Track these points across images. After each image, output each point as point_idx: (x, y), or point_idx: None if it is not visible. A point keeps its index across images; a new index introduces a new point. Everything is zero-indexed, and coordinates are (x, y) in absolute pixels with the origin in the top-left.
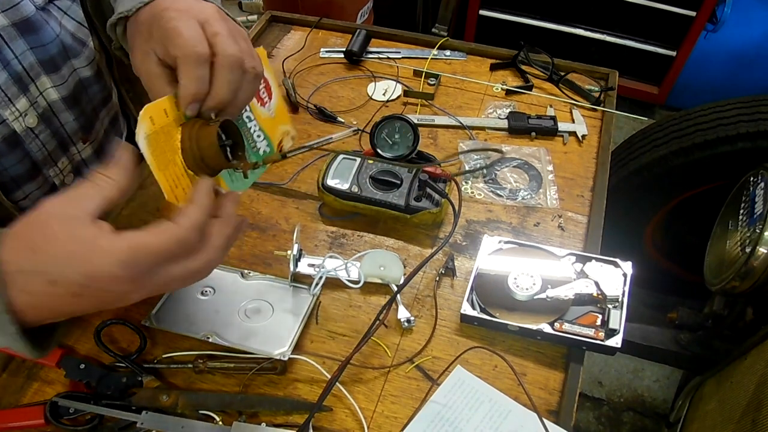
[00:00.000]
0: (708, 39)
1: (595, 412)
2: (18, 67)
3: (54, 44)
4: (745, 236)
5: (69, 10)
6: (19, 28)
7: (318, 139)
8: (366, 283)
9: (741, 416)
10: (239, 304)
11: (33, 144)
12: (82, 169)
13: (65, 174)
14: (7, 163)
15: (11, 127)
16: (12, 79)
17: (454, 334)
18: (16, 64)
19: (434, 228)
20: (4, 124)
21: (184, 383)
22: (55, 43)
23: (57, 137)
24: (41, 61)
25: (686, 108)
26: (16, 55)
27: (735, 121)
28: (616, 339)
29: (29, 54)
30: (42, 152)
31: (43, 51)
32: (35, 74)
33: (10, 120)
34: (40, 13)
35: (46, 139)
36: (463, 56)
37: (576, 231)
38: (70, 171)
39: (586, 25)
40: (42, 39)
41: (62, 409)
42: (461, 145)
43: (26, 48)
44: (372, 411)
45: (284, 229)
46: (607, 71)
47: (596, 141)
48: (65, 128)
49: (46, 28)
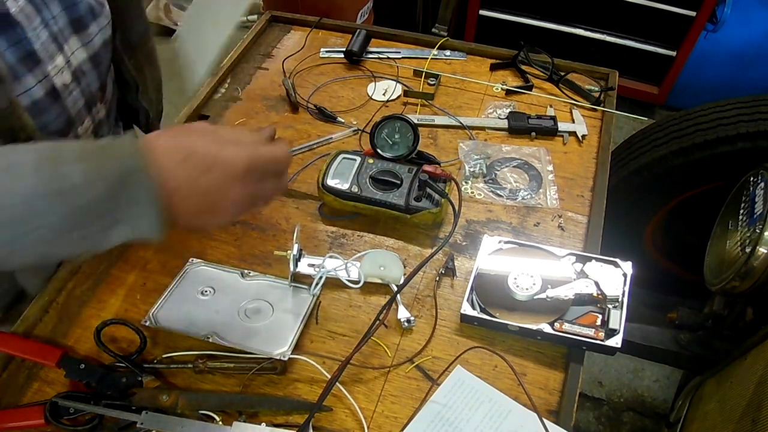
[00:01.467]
0: (708, 39)
1: (595, 412)
2: (55, 27)
3: (83, 4)
4: (745, 236)
5: None
6: None
7: (318, 140)
8: (366, 283)
9: (741, 416)
10: (239, 304)
11: (69, 99)
12: (99, 130)
13: (89, 134)
14: (48, 118)
15: (52, 81)
16: (51, 38)
17: (454, 334)
18: (54, 24)
19: (434, 228)
20: (47, 79)
21: (184, 383)
22: (84, 2)
23: (85, 95)
24: (72, 20)
25: (686, 108)
26: (53, 15)
27: (735, 121)
28: (616, 339)
29: (63, 15)
30: (75, 108)
31: (73, 11)
32: (68, 34)
33: (52, 75)
34: None
35: (77, 96)
36: (463, 56)
37: (576, 231)
38: (92, 131)
39: (586, 25)
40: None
41: (62, 409)
42: (461, 145)
43: (60, 9)
44: (372, 411)
45: (284, 229)
46: (607, 71)
47: (596, 141)
48: (90, 88)
49: None
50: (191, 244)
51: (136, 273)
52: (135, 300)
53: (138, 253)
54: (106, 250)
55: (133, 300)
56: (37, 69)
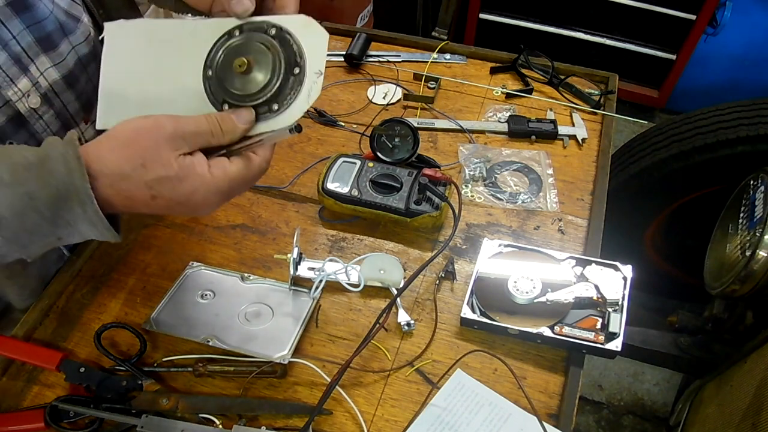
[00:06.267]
0: (708, 42)
1: (595, 415)
2: (17, 48)
3: (49, 21)
4: (745, 240)
5: None
6: (13, 7)
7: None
8: (366, 286)
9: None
10: (239, 308)
11: (38, 125)
12: None
13: None
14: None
15: (15, 107)
16: (12, 60)
17: (454, 338)
18: (15, 45)
19: (434, 231)
20: (7, 105)
21: (184, 387)
22: (50, 19)
23: (60, 118)
24: (38, 39)
25: (686, 111)
26: (13, 36)
27: (735, 125)
28: (616, 342)
29: (26, 33)
30: (47, 133)
31: (39, 28)
32: (34, 54)
33: (13, 100)
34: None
35: (50, 119)
36: (463, 60)
37: (576, 234)
38: None
39: (586, 28)
40: (36, 16)
41: (62, 412)
42: (461, 148)
43: (23, 27)
44: (372, 414)
45: (284, 232)
46: (607, 75)
47: (596, 144)
48: (68, 108)
49: (39, 5)
50: (191, 248)
51: (136, 276)
52: (135, 303)
53: (138, 257)
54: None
55: (133, 303)
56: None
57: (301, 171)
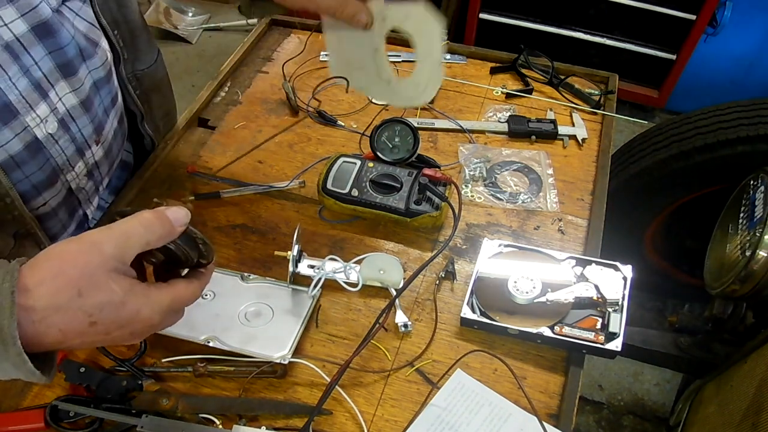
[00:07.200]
0: (708, 42)
1: (595, 415)
2: (38, 74)
3: (71, 46)
4: (745, 240)
5: (80, 11)
6: (37, 33)
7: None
8: (366, 286)
9: (741, 420)
10: (239, 308)
11: (53, 149)
12: (94, 171)
13: (80, 177)
14: (29, 171)
15: (33, 133)
16: (32, 86)
17: (454, 338)
18: (36, 71)
19: (434, 231)
20: (26, 131)
21: (184, 387)
22: (71, 45)
23: (75, 142)
24: (59, 65)
25: (686, 111)
26: (35, 62)
27: (735, 125)
28: (616, 342)
29: (48, 59)
30: (61, 157)
31: (60, 55)
32: (54, 80)
33: (31, 126)
34: (56, 16)
35: (65, 144)
36: (463, 60)
37: (576, 234)
38: (85, 174)
39: (586, 28)
40: (59, 42)
41: (62, 412)
42: (461, 148)
43: (45, 53)
44: (372, 414)
45: (284, 232)
46: (607, 75)
47: (596, 144)
48: (82, 132)
49: (62, 30)
50: None
51: None
52: None
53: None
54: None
55: None
56: (14, 121)
57: (301, 171)
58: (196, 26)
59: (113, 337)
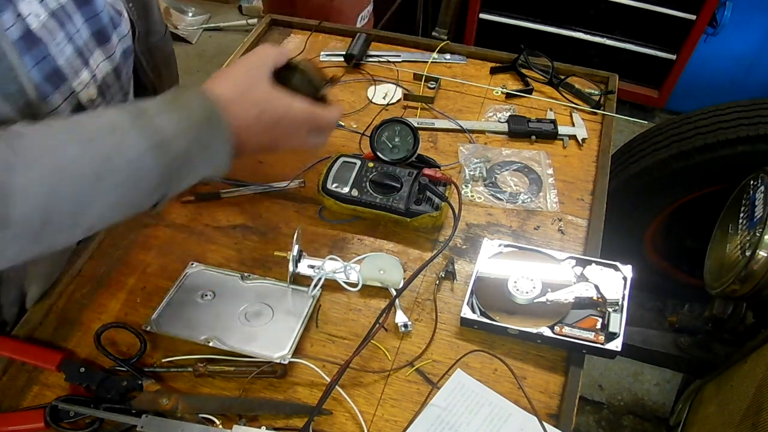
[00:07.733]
0: (708, 42)
1: (595, 415)
2: (80, 41)
3: (104, 14)
4: (745, 240)
5: None
6: (76, 1)
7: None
8: (366, 286)
9: (741, 420)
10: (239, 308)
11: None
12: None
13: None
14: None
15: (78, 98)
16: (76, 52)
17: (454, 338)
18: (78, 38)
19: (434, 231)
20: (72, 96)
21: (185, 387)
22: (104, 12)
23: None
24: (95, 33)
25: (686, 111)
26: (78, 28)
27: (735, 125)
28: (616, 342)
29: (86, 27)
30: None
31: (96, 22)
32: (92, 47)
33: (78, 90)
34: None
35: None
36: (463, 60)
37: (576, 234)
38: None
39: (586, 28)
40: (95, 9)
41: (62, 412)
42: (461, 149)
43: (83, 20)
44: (372, 414)
45: (284, 232)
46: (607, 75)
47: (596, 144)
48: (114, 100)
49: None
50: (191, 248)
51: (136, 277)
52: (135, 303)
53: (138, 257)
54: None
55: (133, 303)
56: (63, 86)
57: (301, 171)
58: (196, 26)
59: (272, 137)
